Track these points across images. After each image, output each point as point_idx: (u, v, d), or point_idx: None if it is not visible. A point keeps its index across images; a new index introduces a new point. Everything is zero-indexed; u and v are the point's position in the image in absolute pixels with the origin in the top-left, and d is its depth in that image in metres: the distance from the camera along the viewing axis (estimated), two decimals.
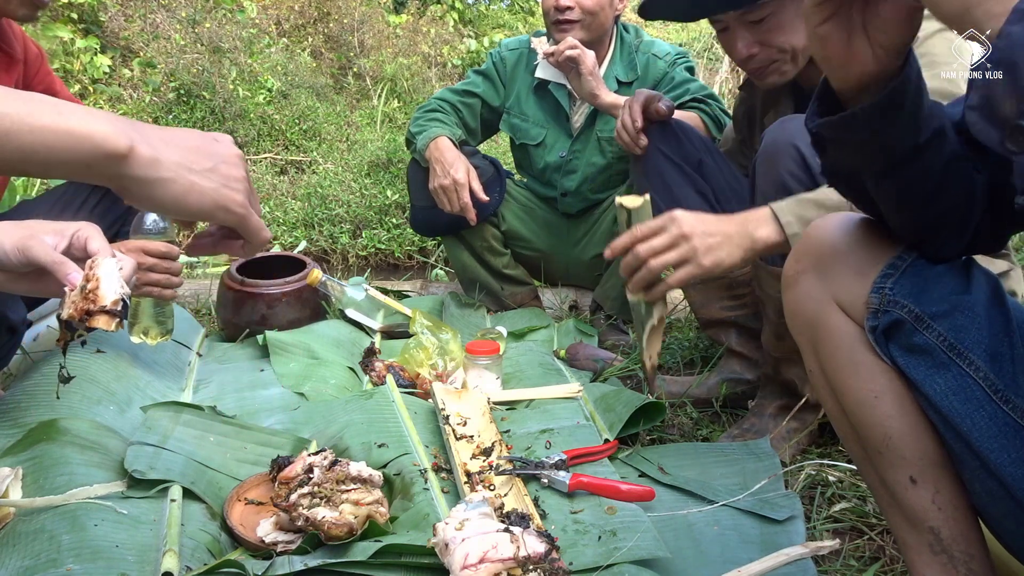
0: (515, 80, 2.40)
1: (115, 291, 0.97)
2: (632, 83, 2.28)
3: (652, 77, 2.29)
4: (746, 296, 1.76)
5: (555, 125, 2.36)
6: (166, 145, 0.77)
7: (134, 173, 0.74)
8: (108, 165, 0.73)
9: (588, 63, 2.03)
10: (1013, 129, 0.57)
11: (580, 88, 2.08)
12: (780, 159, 1.47)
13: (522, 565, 1.02)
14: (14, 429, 1.36)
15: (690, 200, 1.77)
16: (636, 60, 2.30)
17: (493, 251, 2.40)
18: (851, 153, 0.86)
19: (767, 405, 1.64)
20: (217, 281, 2.16)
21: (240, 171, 0.84)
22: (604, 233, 2.40)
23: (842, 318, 0.93)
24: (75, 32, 5.37)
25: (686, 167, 1.77)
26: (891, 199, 0.87)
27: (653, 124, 1.78)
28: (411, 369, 1.78)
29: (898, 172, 0.84)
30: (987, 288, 0.87)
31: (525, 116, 2.38)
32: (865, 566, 1.20)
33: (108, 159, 0.73)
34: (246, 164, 0.87)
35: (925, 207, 0.85)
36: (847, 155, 0.87)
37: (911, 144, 0.81)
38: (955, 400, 0.84)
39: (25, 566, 1.02)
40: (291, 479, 1.19)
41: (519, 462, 1.36)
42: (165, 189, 0.77)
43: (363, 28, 6.43)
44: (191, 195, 0.78)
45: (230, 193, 0.82)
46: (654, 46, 2.33)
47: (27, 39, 1.66)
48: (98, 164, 0.73)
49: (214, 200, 0.80)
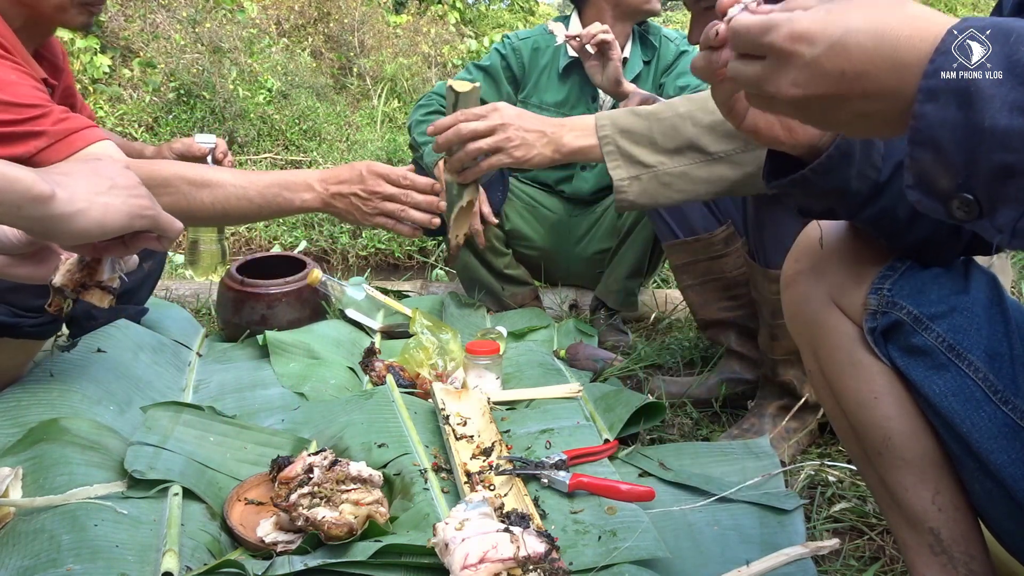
0: (534, 68, 2.39)
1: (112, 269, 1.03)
2: (651, 62, 2.36)
3: (664, 57, 2.36)
4: (744, 297, 1.77)
5: (579, 107, 2.36)
6: (71, 179, 0.87)
7: (58, 211, 0.83)
8: (35, 207, 0.81)
9: (618, 49, 2.03)
10: (957, 201, 0.58)
11: (604, 75, 2.04)
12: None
13: (522, 565, 1.02)
14: (14, 429, 1.36)
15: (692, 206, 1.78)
16: (651, 40, 2.37)
17: (495, 251, 2.40)
18: (816, 200, 0.87)
19: (766, 405, 1.64)
20: (217, 281, 2.16)
21: (133, 178, 0.94)
22: (607, 229, 2.41)
23: (841, 319, 0.93)
24: (75, 32, 5.37)
25: None
26: (872, 229, 0.88)
27: None
28: (411, 369, 1.78)
29: (867, 210, 0.85)
30: (986, 289, 0.87)
31: (545, 104, 2.38)
32: (865, 566, 1.20)
33: (36, 201, 0.81)
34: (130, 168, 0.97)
35: (908, 231, 0.86)
36: (812, 202, 0.88)
37: (870, 186, 0.82)
38: (954, 401, 0.84)
39: (25, 566, 1.02)
40: (291, 479, 1.19)
41: (519, 462, 1.36)
42: (86, 217, 0.86)
43: (363, 28, 6.43)
44: (108, 215, 0.88)
45: (138, 200, 0.92)
46: (662, 30, 2.41)
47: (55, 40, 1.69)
48: (27, 206, 0.81)
49: (127, 212, 0.90)
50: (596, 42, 2.00)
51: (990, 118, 0.53)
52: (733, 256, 1.79)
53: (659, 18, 8.21)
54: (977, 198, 0.56)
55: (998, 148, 0.53)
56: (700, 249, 1.81)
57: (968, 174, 0.56)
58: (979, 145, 0.54)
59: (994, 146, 0.53)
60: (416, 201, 1.60)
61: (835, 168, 0.79)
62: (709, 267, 1.81)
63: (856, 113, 0.60)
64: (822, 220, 0.96)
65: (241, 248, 4.52)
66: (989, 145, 0.54)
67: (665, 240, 1.87)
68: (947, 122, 0.55)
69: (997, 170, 0.54)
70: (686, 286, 1.87)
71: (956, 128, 0.55)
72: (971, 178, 0.56)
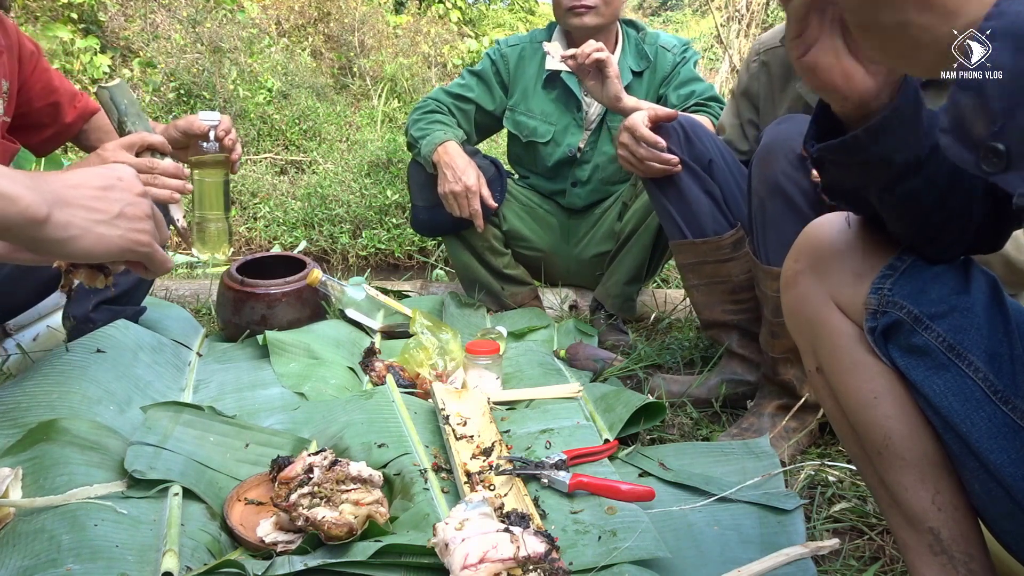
0: (520, 76, 2.38)
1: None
2: (643, 72, 2.31)
3: (662, 68, 2.31)
4: (749, 301, 1.76)
5: (566, 118, 2.35)
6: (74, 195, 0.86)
7: (50, 236, 0.83)
8: (27, 228, 0.81)
9: (615, 66, 1.98)
10: (986, 150, 0.57)
11: (602, 92, 2.01)
12: (775, 160, 1.47)
13: (522, 565, 1.02)
14: (14, 429, 1.36)
15: (698, 200, 1.77)
16: (645, 50, 2.32)
17: (494, 251, 2.40)
18: (853, 172, 0.86)
19: (766, 405, 1.64)
20: (217, 281, 2.16)
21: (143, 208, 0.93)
22: (606, 232, 2.40)
23: (841, 318, 0.93)
24: (75, 32, 5.37)
25: (695, 166, 1.76)
26: (894, 211, 0.87)
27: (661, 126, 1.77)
28: (411, 369, 1.78)
29: (901, 186, 0.83)
30: (986, 289, 0.87)
31: (532, 113, 2.37)
32: (865, 566, 1.20)
33: (28, 223, 0.80)
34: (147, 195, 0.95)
35: (929, 216, 0.85)
36: (849, 174, 0.87)
37: (913, 159, 0.81)
38: (954, 401, 0.84)
39: (25, 566, 1.02)
40: (291, 479, 1.19)
41: (519, 462, 1.36)
42: (76, 244, 0.86)
43: (363, 28, 6.43)
44: (99, 246, 0.88)
45: (135, 236, 0.91)
46: (659, 38, 2.36)
47: (21, 35, 1.67)
48: (18, 227, 0.80)
49: (120, 246, 0.90)
50: (591, 61, 1.99)
51: None
52: (741, 260, 1.76)
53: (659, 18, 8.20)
54: (1008, 148, 0.56)
55: None
56: (708, 251, 1.78)
57: (1005, 122, 0.55)
58: (1021, 93, 0.54)
59: None
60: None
61: (888, 131, 0.78)
62: (716, 270, 1.79)
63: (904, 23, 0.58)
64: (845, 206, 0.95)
65: (241, 248, 4.52)
66: None
67: (673, 239, 1.84)
68: (997, 65, 0.54)
69: None
70: (691, 285, 1.86)
71: (1005, 72, 0.54)
72: (1007, 126, 0.55)
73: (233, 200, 4.65)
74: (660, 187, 1.80)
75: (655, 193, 1.83)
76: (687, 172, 1.76)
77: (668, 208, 1.81)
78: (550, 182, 2.45)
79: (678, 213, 1.79)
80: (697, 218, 1.78)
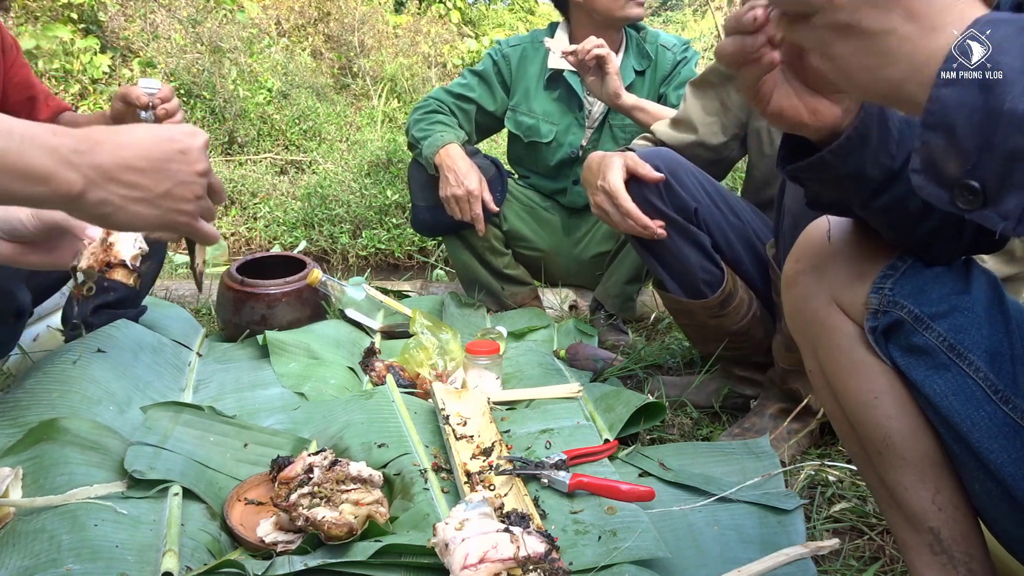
0: (522, 77, 2.38)
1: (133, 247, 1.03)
2: (645, 71, 2.32)
3: (662, 68, 2.32)
4: (742, 346, 1.70)
5: (568, 117, 2.35)
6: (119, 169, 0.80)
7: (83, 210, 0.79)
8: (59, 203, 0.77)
9: (615, 62, 2.00)
10: (960, 188, 0.57)
11: (603, 88, 2.02)
12: None
13: (522, 565, 1.02)
14: (14, 429, 1.36)
15: (686, 257, 1.63)
16: (646, 49, 2.33)
17: (494, 251, 2.40)
18: (829, 187, 0.87)
19: (768, 405, 1.64)
20: (217, 281, 2.16)
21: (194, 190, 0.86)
22: (606, 232, 2.40)
23: (842, 318, 0.93)
24: (75, 32, 5.37)
25: (681, 220, 1.60)
26: (881, 220, 0.88)
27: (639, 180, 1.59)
28: (411, 369, 1.78)
29: (879, 199, 0.84)
30: (987, 288, 0.87)
31: (533, 113, 2.37)
32: (865, 566, 1.20)
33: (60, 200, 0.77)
34: (208, 174, 0.88)
35: (916, 224, 0.85)
36: (826, 189, 0.88)
37: (887, 171, 0.81)
38: (955, 400, 0.84)
39: (25, 566, 1.02)
40: (291, 479, 1.19)
41: (519, 462, 1.36)
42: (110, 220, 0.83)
43: (363, 28, 6.43)
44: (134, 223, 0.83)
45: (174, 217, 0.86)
46: (659, 37, 2.37)
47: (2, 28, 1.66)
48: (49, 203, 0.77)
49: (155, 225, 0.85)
50: (592, 57, 1.99)
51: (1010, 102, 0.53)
52: (732, 315, 1.65)
53: (659, 19, 8.20)
54: (983, 185, 0.56)
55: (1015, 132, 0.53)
56: (696, 308, 1.66)
57: (979, 159, 0.56)
58: (995, 129, 0.54)
59: (1011, 130, 0.53)
60: None
61: (853, 150, 0.79)
62: (705, 322, 1.69)
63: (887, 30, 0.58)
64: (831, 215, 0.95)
65: (241, 248, 4.52)
66: (1006, 129, 0.53)
67: (660, 288, 1.72)
68: (965, 105, 0.55)
69: (1011, 154, 0.54)
70: (682, 323, 1.77)
71: (974, 111, 0.55)
72: (981, 164, 0.56)
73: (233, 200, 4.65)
74: (644, 245, 1.66)
75: (640, 250, 1.70)
76: (672, 229, 1.60)
77: (654, 264, 1.69)
78: (551, 181, 2.45)
79: (664, 271, 1.67)
80: (686, 277, 1.65)
